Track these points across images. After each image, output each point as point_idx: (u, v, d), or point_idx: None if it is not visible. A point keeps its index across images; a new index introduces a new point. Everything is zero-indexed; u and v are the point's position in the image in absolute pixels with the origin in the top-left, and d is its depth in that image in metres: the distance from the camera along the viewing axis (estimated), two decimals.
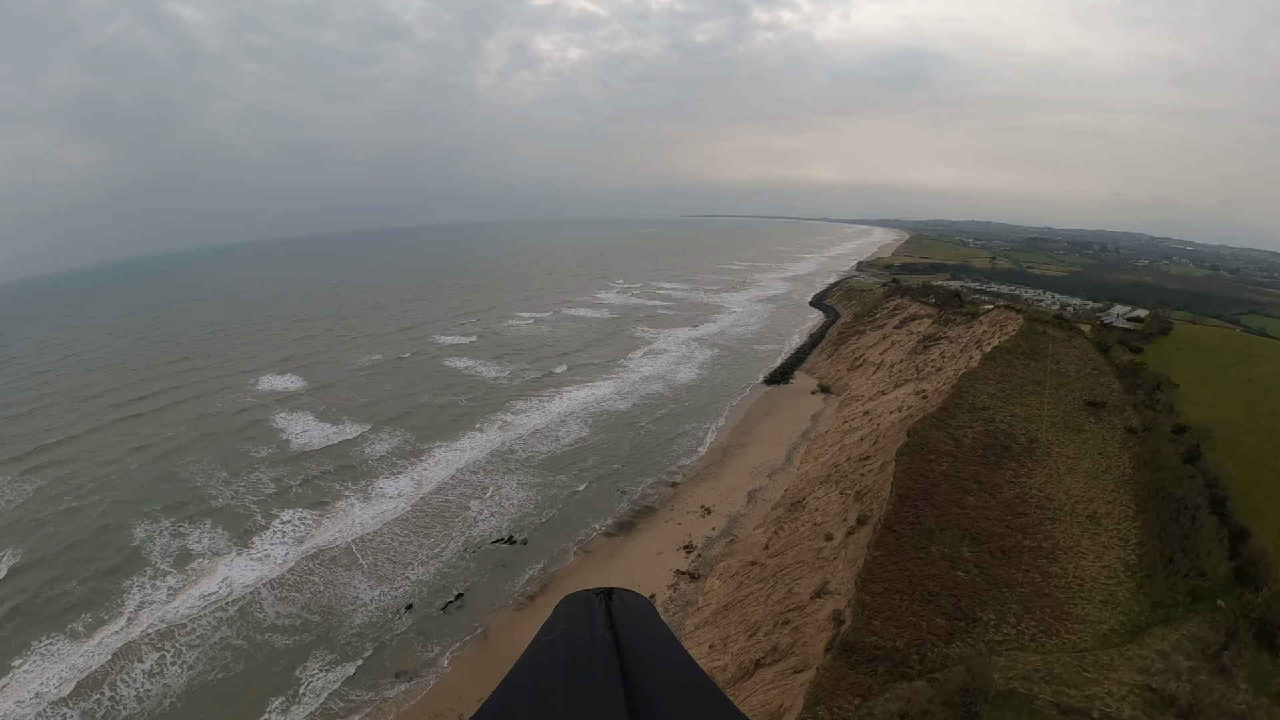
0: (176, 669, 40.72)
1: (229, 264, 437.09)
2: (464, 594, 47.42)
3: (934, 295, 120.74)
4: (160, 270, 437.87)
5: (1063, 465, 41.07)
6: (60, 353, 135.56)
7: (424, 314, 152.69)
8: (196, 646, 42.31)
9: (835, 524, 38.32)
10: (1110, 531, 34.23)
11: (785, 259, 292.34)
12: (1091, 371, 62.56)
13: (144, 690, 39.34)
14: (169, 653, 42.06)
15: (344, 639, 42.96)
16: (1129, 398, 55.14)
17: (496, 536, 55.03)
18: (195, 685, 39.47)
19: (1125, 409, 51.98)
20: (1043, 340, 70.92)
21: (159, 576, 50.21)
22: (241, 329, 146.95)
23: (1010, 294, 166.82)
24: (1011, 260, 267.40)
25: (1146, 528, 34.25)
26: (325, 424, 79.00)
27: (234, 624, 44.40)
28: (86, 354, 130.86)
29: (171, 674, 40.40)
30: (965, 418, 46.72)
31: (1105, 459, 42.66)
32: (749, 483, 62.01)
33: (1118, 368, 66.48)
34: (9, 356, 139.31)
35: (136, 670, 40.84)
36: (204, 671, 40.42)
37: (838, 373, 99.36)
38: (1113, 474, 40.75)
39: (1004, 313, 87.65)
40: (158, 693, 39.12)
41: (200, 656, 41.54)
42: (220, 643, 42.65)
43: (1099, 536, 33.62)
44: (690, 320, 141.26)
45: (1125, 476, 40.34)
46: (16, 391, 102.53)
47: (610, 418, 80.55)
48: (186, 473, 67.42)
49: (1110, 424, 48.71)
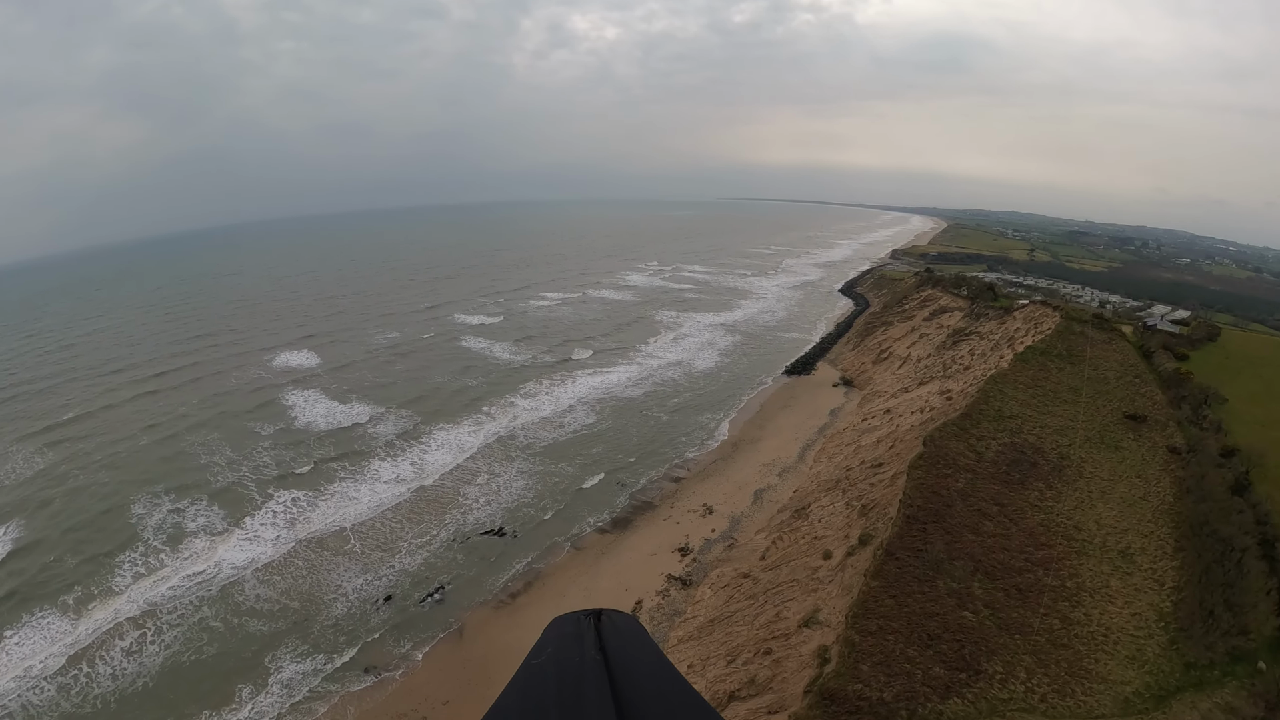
0: (155, 648, 39.75)
1: (265, 240, 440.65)
2: (445, 587, 45.14)
3: (967, 287, 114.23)
4: (196, 245, 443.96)
5: (1096, 488, 36.61)
6: (87, 327, 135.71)
7: (450, 293, 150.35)
8: (177, 626, 41.33)
9: (836, 540, 34.67)
10: (1144, 571, 29.97)
11: (819, 244, 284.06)
12: (1132, 379, 57.17)
13: (120, 668, 38.46)
14: (150, 630, 41.20)
15: (318, 628, 41.24)
16: (1173, 412, 49.98)
17: (487, 527, 52.37)
18: (169, 666, 38.44)
19: (1168, 425, 46.97)
20: (1080, 341, 65.40)
21: (151, 554, 49.41)
22: (268, 305, 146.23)
23: (1047, 288, 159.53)
24: (1050, 254, 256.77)
25: (1185, 569, 29.92)
26: (334, 403, 77.20)
27: (214, 605, 43.25)
28: (113, 329, 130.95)
29: (149, 653, 39.39)
30: (990, 427, 42.32)
31: (1144, 483, 38.06)
32: (757, 481, 58.39)
33: (1161, 376, 60.92)
34: (38, 330, 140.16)
35: (116, 647, 40.02)
36: (179, 652, 39.33)
37: (862, 365, 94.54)
38: (1151, 501, 36.21)
39: (1039, 309, 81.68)
40: (132, 671, 38.24)
41: (178, 636, 40.56)
42: (199, 623, 41.55)
43: (1131, 577, 29.41)
44: (716, 305, 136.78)
45: (1165, 505, 35.78)
46: (41, 366, 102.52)
47: (621, 405, 77.30)
48: (192, 450, 66.18)
49: (1151, 441, 43.87)
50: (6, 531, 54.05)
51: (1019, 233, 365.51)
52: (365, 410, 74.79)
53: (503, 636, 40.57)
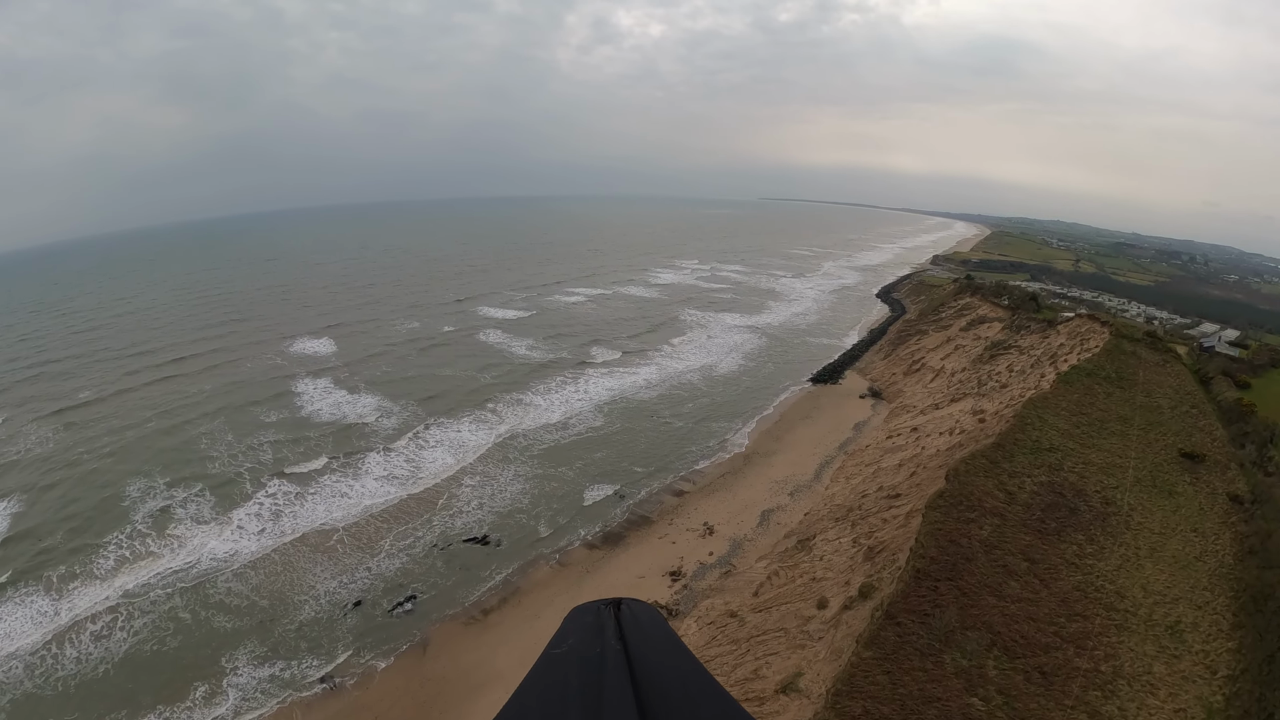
0: (122, 635, 38.52)
1: (305, 226, 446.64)
2: (417, 597, 41.96)
3: (1008, 296, 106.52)
4: (237, 230, 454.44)
5: (1145, 544, 30.95)
6: (118, 309, 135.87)
7: (480, 286, 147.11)
8: (148, 614, 40.01)
9: (835, 586, 29.93)
10: (1194, 654, 24.52)
11: (859, 247, 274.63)
12: (1189, 410, 50.52)
13: (85, 652, 37.32)
14: (121, 616, 40.00)
15: (281, 631, 38.83)
16: (1234, 451, 43.56)
17: (473, 533, 48.78)
18: (132, 655, 37.26)
19: (1229, 467, 40.72)
20: (1131, 363, 58.54)
21: (138, 539, 48.09)
22: (298, 291, 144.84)
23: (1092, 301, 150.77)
24: (1095, 264, 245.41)
25: (1244, 654, 24.43)
26: (342, 393, 74.64)
27: (186, 596, 41.55)
28: (143, 310, 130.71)
29: (116, 640, 38.16)
30: (1025, 461, 36.77)
31: (1200, 539, 32.26)
32: (766, 500, 53.55)
33: (1220, 407, 54.05)
34: (70, 310, 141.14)
35: (86, 631, 38.88)
36: (144, 641, 38.15)
37: (892, 376, 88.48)
38: (1207, 562, 30.47)
39: (1086, 323, 74.34)
40: (97, 657, 36.82)
41: (146, 625, 39.32)
42: (168, 613, 40.03)
43: (1178, 661, 24.01)
44: (747, 306, 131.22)
45: (1223, 568, 30.01)
46: (68, 345, 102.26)
47: (632, 408, 72.96)
48: (196, 437, 64.44)
49: (1210, 486, 37.81)
50: (6, 507, 53.39)
51: (1064, 242, 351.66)
52: (372, 403, 72.08)
53: (466, 655, 37.13)
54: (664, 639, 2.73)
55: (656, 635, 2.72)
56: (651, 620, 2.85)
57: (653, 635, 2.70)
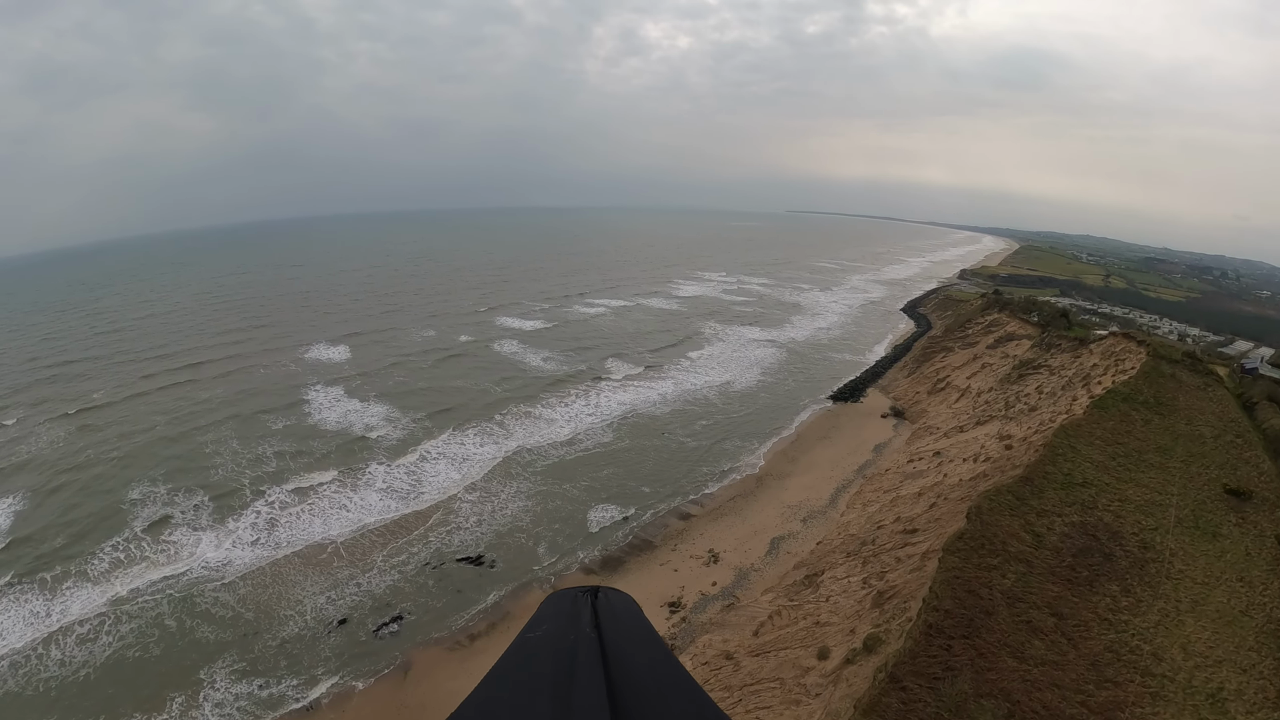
0: (108, 639, 38.00)
1: (333, 233, 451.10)
2: (404, 618, 40.14)
3: (1037, 312, 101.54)
4: (266, 235, 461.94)
5: (1186, 596, 27.49)
6: (142, 311, 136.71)
7: (502, 295, 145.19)
8: (135, 619, 39.37)
9: (838, 635, 27.01)
10: None
11: (885, 260, 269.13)
12: (1233, 440, 46.31)
13: (70, 655, 36.89)
14: (109, 620, 39.37)
15: (262, 646, 37.48)
16: None
17: (468, 552, 46.76)
18: (115, 660, 36.21)
19: (1279, 505, 36.85)
20: (1171, 387, 54.19)
21: (134, 543, 47.47)
22: (321, 298, 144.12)
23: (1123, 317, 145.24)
24: (1125, 280, 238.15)
25: None
26: (353, 403, 73.21)
27: (174, 603, 40.65)
28: (165, 314, 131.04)
29: (101, 644, 37.79)
30: (1055, 497, 33.39)
31: (1247, 589, 28.66)
32: (777, 527, 50.59)
33: (1268, 437, 49.60)
34: (96, 310, 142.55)
35: (73, 634, 38.33)
36: (128, 647, 37.12)
37: (916, 395, 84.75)
38: (1255, 617, 26.88)
39: (1120, 342, 69.33)
40: (80, 660, 36.26)
41: (132, 630, 38.33)
42: (155, 620, 39.25)
43: None
44: (769, 320, 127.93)
45: (1272, 623, 26.43)
46: (89, 347, 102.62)
47: (643, 423, 70.39)
48: (202, 443, 63.61)
49: (1257, 528, 34.01)
50: (10, 505, 53.38)
51: (1094, 257, 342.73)
52: (380, 413, 70.58)
53: (449, 683, 35.07)
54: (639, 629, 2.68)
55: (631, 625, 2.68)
56: (627, 610, 2.80)
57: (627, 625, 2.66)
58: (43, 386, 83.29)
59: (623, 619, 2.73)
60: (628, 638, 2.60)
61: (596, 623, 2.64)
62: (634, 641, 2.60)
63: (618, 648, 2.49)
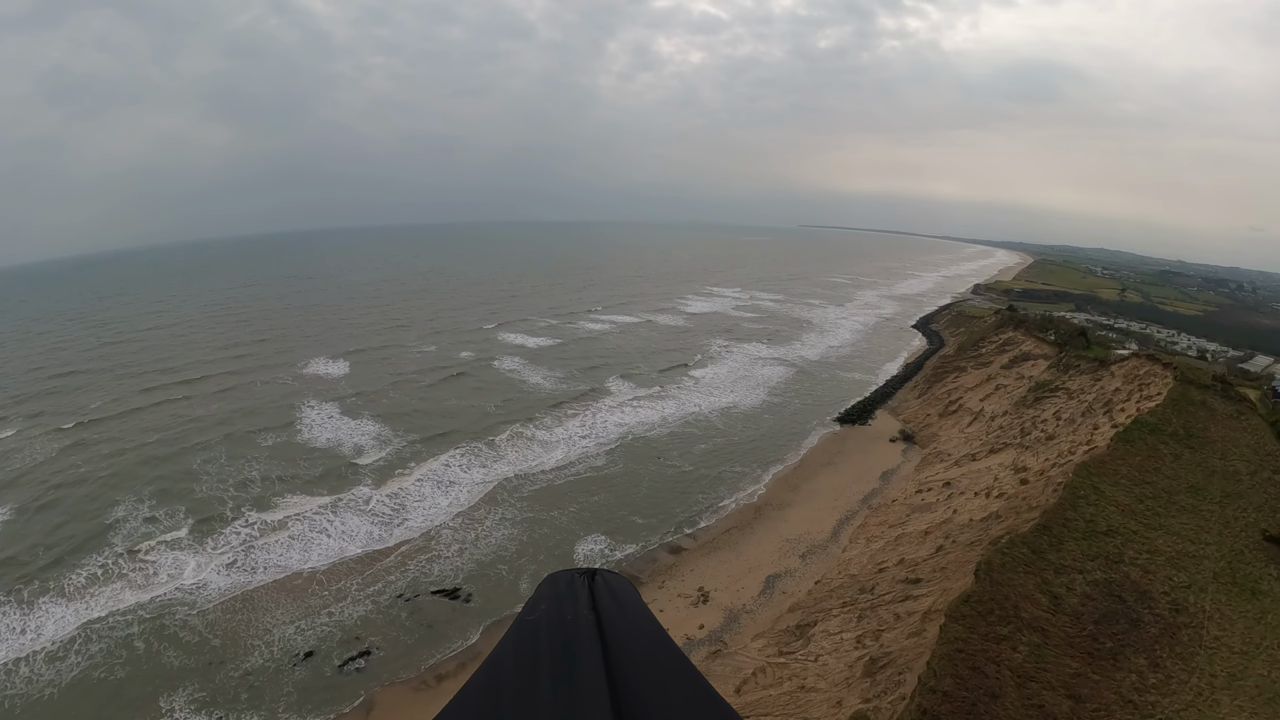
0: (77, 659, 36.41)
1: (347, 246, 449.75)
2: (371, 653, 37.44)
3: (1054, 330, 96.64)
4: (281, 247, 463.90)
5: (1222, 669, 23.49)
6: (150, 321, 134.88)
7: (510, 311, 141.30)
8: (105, 638, 38.07)
9: (823, 705, 23.27)
10: None
11: (897, 276, 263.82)
12: (1270, 476, 41.82)
13: (37, 672, 35.98)
14: (79, 639, 37.90)
15: (225, 676, 35.37)
16: None
17: (445, 584, 43.82)
18: (80, 681, 34.86)
19: None
20: (1201, 416, 49.62)
21: (113, 561, 45.73)
22: (327, 313, 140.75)
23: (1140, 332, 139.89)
24: (1141, 294, 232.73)
25: None
26: (346, 421, 70.26)
27: (144, 625, 39.07)
28: (171, 326, 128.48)
29: (69, 663, 36.02)
30: (1076, 550, 29.38)
31: None
32: (773, 563, 46.93)
33: None
34: (105, 319, 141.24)
35: (42, 651, 36.96)
36: (95, 667, 35.73)
37: (926, 417, 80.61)
38: None
39: (1144, 364, 64.14)
40: (47, 679, 34.92)
41: (100, 650, 36.90)
42: (124, 640, 37.84)
43: None
44: (777, 337, 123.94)
45: None
46: (90, 360, 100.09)
47: (641, 447, 66.88)
48: (192, 459, 61.02)
49: None
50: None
51: (1108, 270, 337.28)
52: (372, 432, 67.85)
53: None
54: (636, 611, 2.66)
55: (629, 607, 2.65)
56: (624, 591, 2.77)
57: (625, 606, 2.64)
58: (42, 399, 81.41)
59: (621, 600, 2.65)
60: (626, 619, 2.54)
61: (594, 604, 2.57)
62: (632, 623, 2.54)
63: (616, 628, 2.43)
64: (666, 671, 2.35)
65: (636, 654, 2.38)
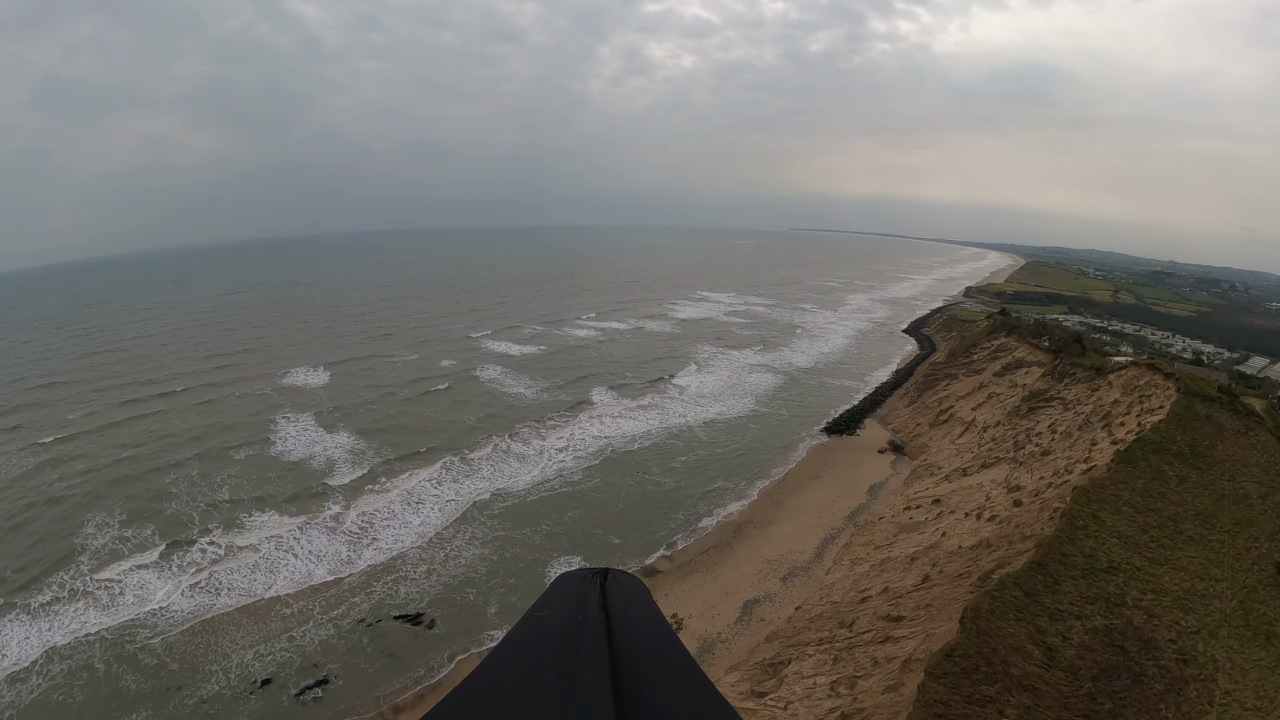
0: (38, 680, 35.15)
1: (338, 252, 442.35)
2: (329, 681, 35.17)
3: (1048, 336, 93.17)
4: (272, 253, 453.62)
5: None
6: (135, 330, 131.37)
7: (496, 318, 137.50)
8: (66, 659, 36.42)
9: None
10: None
11: (890, 279, 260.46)
12: None
13: None
14: (40, 660, 36.48)
15: (179, 703, 33.88)
16: None
17: (409, 608, 41.19)
18: (39, 702, 33.73)
19: None
20: (1207, 433, 44.74)
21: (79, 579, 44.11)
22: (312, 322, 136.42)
23: (1135, 335, 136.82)
24: (1135, 295, 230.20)
25: None
26: (322, 433, 67.49)
27: (106, 646, 37.75)
28: (157, 334, 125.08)
29: (30, 685, 34.76)
30: (1074, 591, 26.19)
31: None
32: (752, 587, 43.98)
33: None
34: (90, 329, 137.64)
35: (3, 672, 35.63)
36: (55, 689, 34.57)
37: (917, 427, 77.65)
38: None
39: (1144, 374, 59.55)
40: (7, 700, 33.75)
41: (61, 671, 35.70)
42: (85, 663, 36.25)
43: None
44: (766, 343, 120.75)
45: None
46: (73, 371, 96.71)
47: (620, 460, 63.86)
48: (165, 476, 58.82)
49: None
50: None
51: (1100, 272, 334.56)
52: (345, 441, 65.31)
53: None
54: (646, 612, 2.65)
55: (639, 608, 2.63)
56: (635, 592, 2.76)
57: (635, 607, 2.61)
58: (22, 412, 78.40)
59: (630, 601, 2.63)
60: (634, 619, 2.50)
61: (604, 603, 2.54)
62: (640, 623, 2.51)
63: (624, 628, 2.40)
64: (673, 674, 2.30)
65: (644, 656, 2.30)
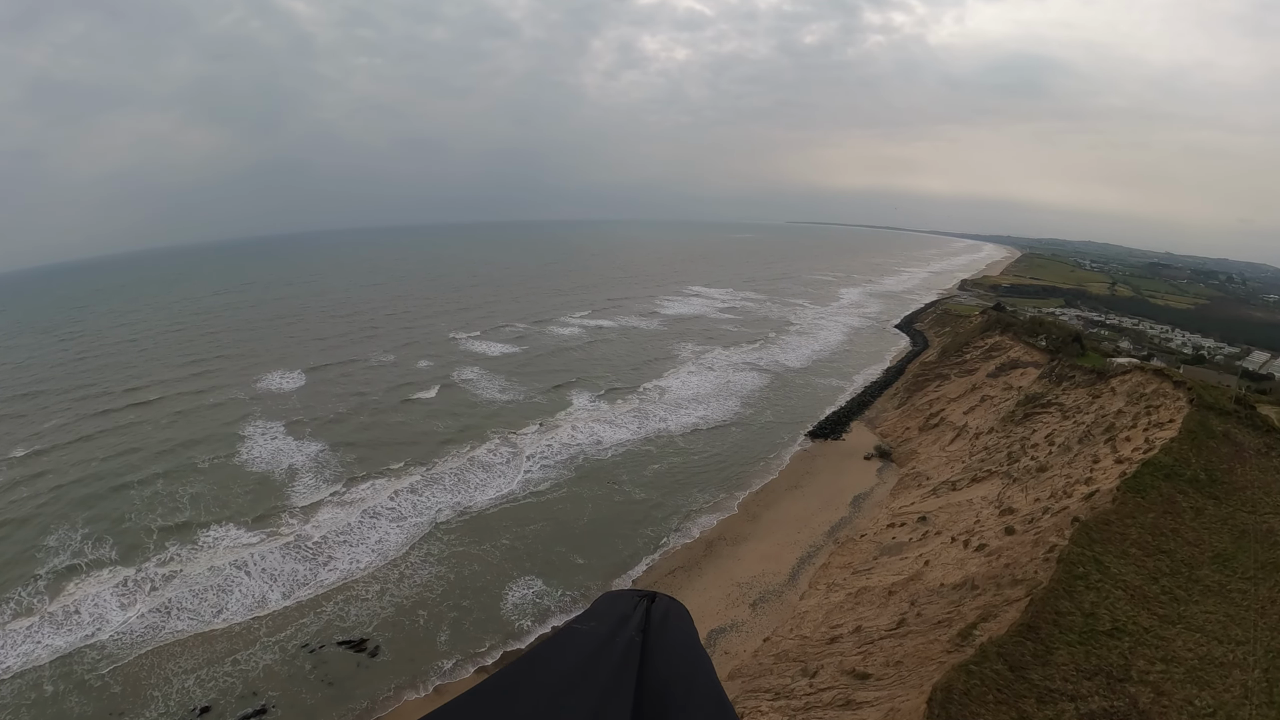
0: None
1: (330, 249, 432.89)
2: (267, 711, 32.48)
3: (1045, 335, 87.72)
4: (264, 252, 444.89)
5: None
6: (119, 335, 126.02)
7: (484, 316, 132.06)
8: (16, 679, 34.86)
9: None
10: None
11: (884, 272, 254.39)
12: None
13: None
14: None
15: None
16: None
17: (354, 633, 37.81)
18: None
19: None
20: (1224, 453, 38.74)
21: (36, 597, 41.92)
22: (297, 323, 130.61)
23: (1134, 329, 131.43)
24: (1132, 288, 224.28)
25: None
26: (289, 441, 63.85)
27: (56, 667, 35.75)
28: (141, 339, 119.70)
29: None
30: (1069, 662, 21.60)
31: None
32: (719, 614, 39.80)
33: None
34: (76, 332, 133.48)
35: None
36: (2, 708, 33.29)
37: (905, 431, 73.00)
38: None
39: (1151, 381, 53.77)
40: None
41: (10, 693, 34.02)
42: (33, 684, 34.65)
43: None
44: (753, 339, 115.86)
45: None
46: (54, 379, 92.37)
47: (590, 468, 59.62)
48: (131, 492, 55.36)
49: None
50: None
51: (1097, 264, 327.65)
52: (312, 448, 61.95)
53: None
54: (684, 641, 2.59)
55: (678, 635, 2.59)
56: (679, 619, 2.70)
57: (674, 634, 2.58)
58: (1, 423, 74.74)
59: (671, 627, 2.60)
60: (671, 646, 2.48)
61: (645, 627, 2.52)
62: (676, 651, 2.48)
63: (658, 655, 2.39)
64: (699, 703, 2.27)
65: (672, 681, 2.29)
